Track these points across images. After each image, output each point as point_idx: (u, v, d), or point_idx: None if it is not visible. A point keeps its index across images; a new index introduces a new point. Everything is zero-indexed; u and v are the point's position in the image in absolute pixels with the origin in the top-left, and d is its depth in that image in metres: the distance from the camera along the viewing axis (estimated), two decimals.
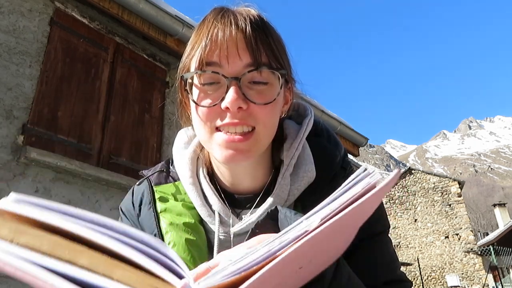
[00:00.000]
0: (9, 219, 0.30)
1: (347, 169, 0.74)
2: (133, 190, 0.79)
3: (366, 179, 0.34)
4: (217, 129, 0.64)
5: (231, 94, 0.60)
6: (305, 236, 0.31)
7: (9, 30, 3.36)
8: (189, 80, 0.66)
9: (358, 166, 8.09)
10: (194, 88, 0.66)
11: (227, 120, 0.62)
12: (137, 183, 0.78)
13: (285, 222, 0.52)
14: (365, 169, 0.36)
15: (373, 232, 0.69)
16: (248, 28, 0.63)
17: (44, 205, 0.31)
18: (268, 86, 0.64)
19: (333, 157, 0.73)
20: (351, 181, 0.35)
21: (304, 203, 0.69)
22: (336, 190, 0.35)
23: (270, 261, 0.29)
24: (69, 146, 3.50)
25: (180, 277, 0.30)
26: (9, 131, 3.16)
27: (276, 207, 0.55)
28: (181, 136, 0.81)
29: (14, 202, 0.30)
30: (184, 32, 4.15)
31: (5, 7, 3.39)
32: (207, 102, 0.64)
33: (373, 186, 0.34)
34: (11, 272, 0.28)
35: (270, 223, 0.54)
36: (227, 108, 0.61)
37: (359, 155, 7.88)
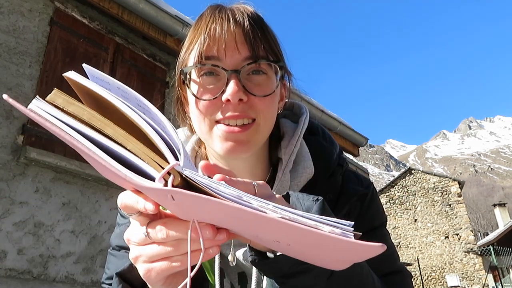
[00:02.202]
0: (63, 93, 0.39)
1: (343, 166, 0.75)
2: None
3: (339, 230, 0.35)
4: (217, 122, 0.64)
5: (231, 86, 0.61)
6: (258, 211, 0.34)
7: (9, 30, 3.36)
8: (188, 75, 0.67)
9: (357, 166, 8.07)
10: (193, 83, 0.67)
11: (228, 113, 0.63)
12: None
13: (297, 204, 0.54)
14: (344, 227, 0.37)
15: (372, 226, 0.71)
16: (246, 22, 0.65)
17: (93, 84, 0.40)
18: (266, 78, 0.65)
19: (329, 154, 0.75)
20: (333, 221, 0.36)
21: None
22: (318, 216, 0.36)
23: (227, 201, 0.34)
24: (69, 146, 3.50)
25: (177, 158, 0.37)
26: (9, 131, 3.16)
27: (287, 192, 0.57)
28: (179, 135, 0.81)
29: (75, 75, 0.41)
30: (184, 32, 4.15)
31: (5, 7, 3.39)
32: (207, 95, 0.64)
33: (335, 236, 0.34)
34: (57, 132, 0.38)
35: None
36: (228, 100, 0.61)
37: (359, 155, 7.88)
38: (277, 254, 0.48)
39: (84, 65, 0.43)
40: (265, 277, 0.64)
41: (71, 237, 3.32)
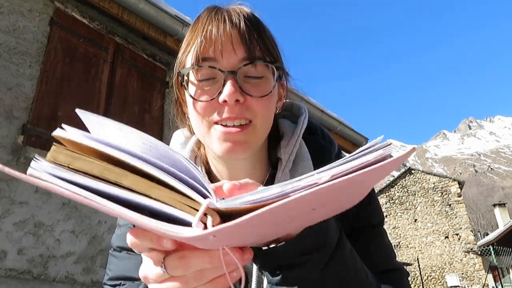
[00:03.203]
0: (64, 148, 0.35)
1: None
2: None
3: (380, 150, 0.36)
4: (215, 123, 0.65)
5: (228, 87, 0.61)
6: (314, 187, 0.33)
7: (9, 30, 3.36)
8: (186, 77, 0.67)
9: None
10: (190, 84, 0.67)
11: (225, 115, 0.63)
12: None
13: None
14: (381, 141, 0.37)
15: (370, 224, 0.71)
16: (242, 23, 0.65)
17: (95, 137, 0.36)
18: (263, 79, 0.66)
19: (329, 154, 0.75)
20: (365, 148, 0.37)
21: None
22: (350, 155, 0.37)
23: (281, 199, 0.33)
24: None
25: (205, 196, 0.35)
26: (9, 131, 3.16)
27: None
28: (178, 136, 0.82)
29: (69, 132, 0.36)
30: (184, 32, 4.15)
31: (5, 7, 3.39)
32: (204, 96, 0.65)
33: (385, 158, 0.35)
34: (67, 195, 0.33)
35: None
36: (224, 101, 0.62)
37: None
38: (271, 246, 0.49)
39: (77, 110, 0.39)
40: (265, 277, 0.64)
41: (71, 237, 3.32)
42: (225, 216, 0.36)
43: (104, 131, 0.39)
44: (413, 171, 29.14)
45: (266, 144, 0.74)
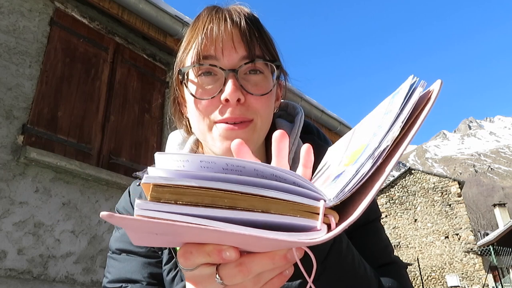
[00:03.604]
0: (166, 186, 0.34)
1: None
2: (129, 191, 0.80)
3: (419, 88, 0.38)
4: (216, 123, 0.65)
5: (230, 85, 0.61)
6: (398, 144, 0.36)
7: (9, 30, 3.36)
8: (186, 75, 0.67)
9: None
10: (190, 83, 0.67)
11: (226, 115, 0.63)
12: (136, 184, 0.79)
13: None
14: (414, 80, 0.39)
15: (367, 220, 0.72)
16: (243, 22, 0.65)
17: (189, 173, 0.35)
18: (263, 78, 0.66)
19: (325, 152, 0.75)
20: (408, 92, 0.38)
21: None
22: (396, 103, 0.39)
23: (373, 168, 0.36)
24: (69, 146, 3.50)
25: (318, 199, 0.36)
26: (9, 131, 3.16)
27: None
28: (176, 136, 0.82)
29: (164, 176, 0.34)
30: (184, 32, 4.13)
31: (5, 7, 3.39)
32: (205, 94, 0.65)
33: (427, 94, 0.38)
34: (181, 231, 0.33)
35: None
36: (226, 100, 0.62)
37: None
38: None
39: (156, 155, 0.38)
40: None
41: (71, 237, 3.32)
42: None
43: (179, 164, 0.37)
44: (413, 171, 29.13)
45: (265, 144, 0.74)
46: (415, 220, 27.54)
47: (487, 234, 32.01)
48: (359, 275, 0.56)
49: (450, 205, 26.65)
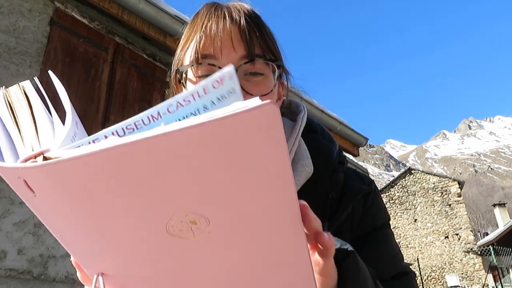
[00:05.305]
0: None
1: (344, 164, 0.75)
2: None
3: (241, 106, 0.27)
4: None
5: None
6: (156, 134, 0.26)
7: (9, 30, 3.36)
8: (184, 74, 0.66)
9: (357, 166, 8.06)
10: (189, 82, 0.66)
11: None
12: None
13: None
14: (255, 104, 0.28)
15: (376, 226, 0.70)
16: (242, 20, 0.63)
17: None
18: (263, 77, 0.64)
19: (329, 152, 0.73)
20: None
21: (305, 198, 0.69)
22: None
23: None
24: None
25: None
26: None
27: None
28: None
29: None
30: (184, 32, 4.15)
31: (5, 7, 3.39)
32: None
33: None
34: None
35: None
36: None
37: (359, 155, 7.88)
38: None
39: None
40: None
41: None
42: None
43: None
44: (413, 171, 29.14)
45: None
46: (415, 220, 27.55)
47: (487, 234, 32.03)
48: None
49: (450, 205, 26.65)
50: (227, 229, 0.33)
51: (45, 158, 0.27)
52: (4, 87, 0.34)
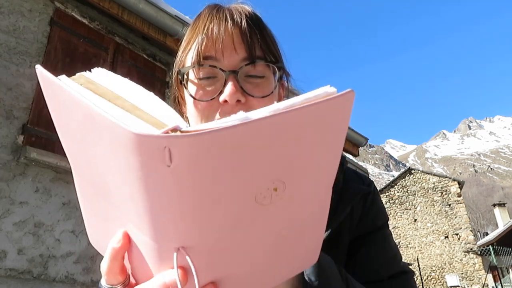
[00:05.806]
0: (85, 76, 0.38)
1: (344, 164, 0.75)
2: None
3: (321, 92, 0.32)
4: None
5: (229, 87, 0.60)
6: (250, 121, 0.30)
7: (9, 30, 3.36)
8: (186, 76, 0.67)
9: (357, 166, 8.06)
10: (190, 83, 0.66)
11: (225, 115, 0.62)
12: None
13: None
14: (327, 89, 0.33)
15: (375, 227, 0.70)
16: (244, 22, 0.64)
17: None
18: (264, 79, 0.65)
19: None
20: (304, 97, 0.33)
21: None
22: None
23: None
24: None
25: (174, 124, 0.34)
26: (9, 131, 3.16)
27: None
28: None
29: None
30: (184, 32, 4.14)
31: (5, 7, 3.39)
32: (205, 96, 0.64)
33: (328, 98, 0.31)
34: (70, 102, 0.34)
35: None
36: (225, 101, 0.61)
37: (358, 155, 7.88)
38: None
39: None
40: None
41: (71, 237, 3.33)
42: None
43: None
44: (413, 171, 29.14)
45: None
46: (415, 220, 27.55)
47: (487, 234, 32.03)
48: None
49: (450, 205, 26.65)
50: (295, 196, 0.36)
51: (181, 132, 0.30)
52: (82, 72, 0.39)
